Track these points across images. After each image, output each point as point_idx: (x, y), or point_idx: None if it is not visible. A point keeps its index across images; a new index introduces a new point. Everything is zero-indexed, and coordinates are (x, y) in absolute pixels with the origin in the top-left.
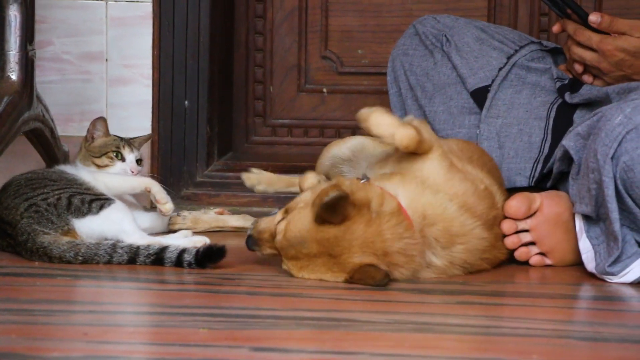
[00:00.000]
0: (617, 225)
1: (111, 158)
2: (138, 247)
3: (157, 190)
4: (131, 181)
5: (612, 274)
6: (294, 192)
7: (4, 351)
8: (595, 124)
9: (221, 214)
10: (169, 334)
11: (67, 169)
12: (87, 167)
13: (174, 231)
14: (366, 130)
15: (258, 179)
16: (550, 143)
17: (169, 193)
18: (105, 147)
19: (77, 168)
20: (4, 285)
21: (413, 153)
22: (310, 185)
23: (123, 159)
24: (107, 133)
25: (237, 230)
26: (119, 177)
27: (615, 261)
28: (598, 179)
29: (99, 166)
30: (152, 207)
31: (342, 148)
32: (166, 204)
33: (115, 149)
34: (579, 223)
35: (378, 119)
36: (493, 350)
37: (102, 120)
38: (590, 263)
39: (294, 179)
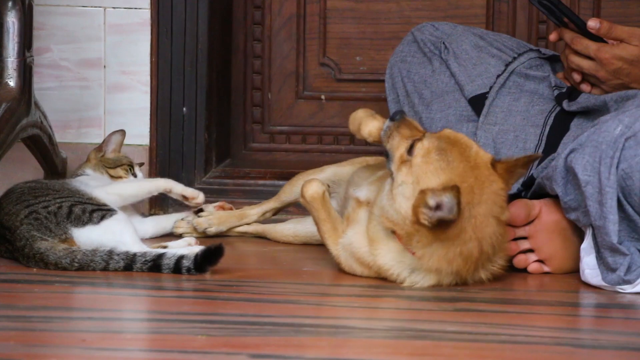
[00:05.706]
0: (615, 238)
1: (126, 170)
2: (134, 254)
3: (182, 189)
4: (147, 185)
5: (629, 282)
6: (248, 224)
7: (3, 358)
8: (590, 136)
9: (222, 208)
10: (167, 340)
11: (73, 182)
12: (100, 174)
13: (179, 235)
14: None
15: (208, 222)
16: (543, 148)
17: (165, 200)
18: (118, 160)
19: (84, 184)
20: (2, 292)
21: None
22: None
23: (135, 175)
24: (119, 148)
25: (241, 235)
26: (133, 183)
27: (627, 271)
28: (598, 190)
29: (112, 176)
30: (150, 213)
31: (318, 176)
32: (198, 197)
33: (128, 162)
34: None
35: None
36: (490, 358)
37: (121, 134)
38: (594, 278)
39: (244, 210)
